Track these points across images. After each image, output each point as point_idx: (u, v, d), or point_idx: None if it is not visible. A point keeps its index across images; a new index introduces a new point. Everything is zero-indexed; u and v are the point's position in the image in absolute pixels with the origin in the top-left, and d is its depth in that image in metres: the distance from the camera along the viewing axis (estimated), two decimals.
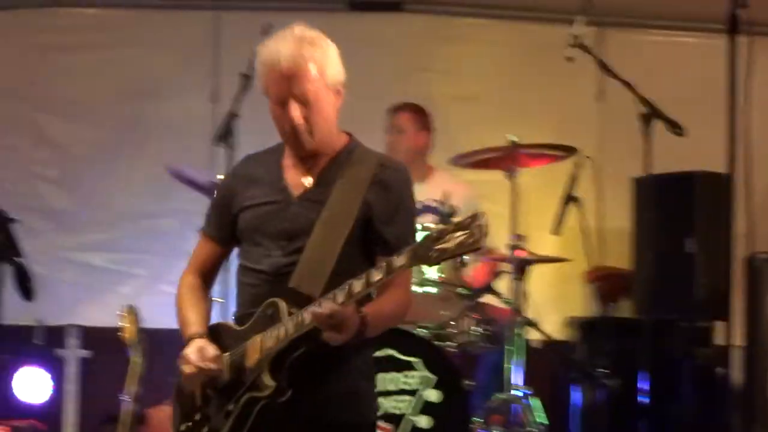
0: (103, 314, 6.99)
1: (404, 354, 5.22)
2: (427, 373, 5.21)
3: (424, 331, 5.49)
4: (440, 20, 7.48)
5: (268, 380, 3.61)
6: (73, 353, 7.07)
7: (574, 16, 5.61)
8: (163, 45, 7.09)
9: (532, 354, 5.77)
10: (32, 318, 6.86)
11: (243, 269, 3.88)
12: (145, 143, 7.07)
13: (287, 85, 3.70)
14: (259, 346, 3.66)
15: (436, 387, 5.21)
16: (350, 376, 3.76)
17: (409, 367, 5.22)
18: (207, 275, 4.06)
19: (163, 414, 5.53)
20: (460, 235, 3.23)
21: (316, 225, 3.71)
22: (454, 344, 5.56)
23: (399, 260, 3.38)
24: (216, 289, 5.46)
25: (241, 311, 3.85)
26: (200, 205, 6.38)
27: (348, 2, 7.42)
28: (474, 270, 5.89)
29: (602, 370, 6.16)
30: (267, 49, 3.75)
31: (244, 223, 3.86)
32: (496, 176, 5.86)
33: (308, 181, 3.80)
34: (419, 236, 3.46)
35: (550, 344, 6.31)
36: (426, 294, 5.55)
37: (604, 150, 6.82)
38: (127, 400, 5.38)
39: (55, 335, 7.04)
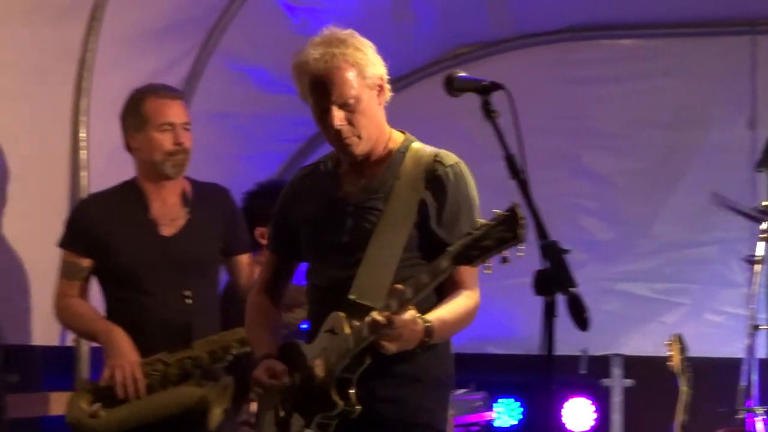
0: (645, 343, 7.02)
1: None
2: None
3: None
4: None
5: (335, 399, 3.47)
6: (617, 383, 7.13)
7: None
8: (698, 72, 6.99)
9: None
10: (577, 348, 6.98)
11: (309, 286, 3.76)
12: (685, 172, 6.98)
13: (326, 91, 3.52)
14: (323, 363, 3.53)
15: None
16: (422, 384, 3.61)
17: None
18: (274, 292, 3.91)
19: None
20: (499, 231, 3.09)
21: (373, 234, 3.54)
22: None
23: (443, 262, 3.25)
24: None
25: (312, 328, 3.71)
26: (744, 233, 6.33)
27: None
28: None
29: None
30: (297, 56, 3.57)
31: (304, 240, 3.73)
32: None
33: (363, 188, 3.64)
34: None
35: None
36: None
37: None
38: (675, 430, 5.37)
39: (599, 365, 7.12)
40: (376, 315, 3.35)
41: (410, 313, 3.38)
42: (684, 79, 7.01)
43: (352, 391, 3.50)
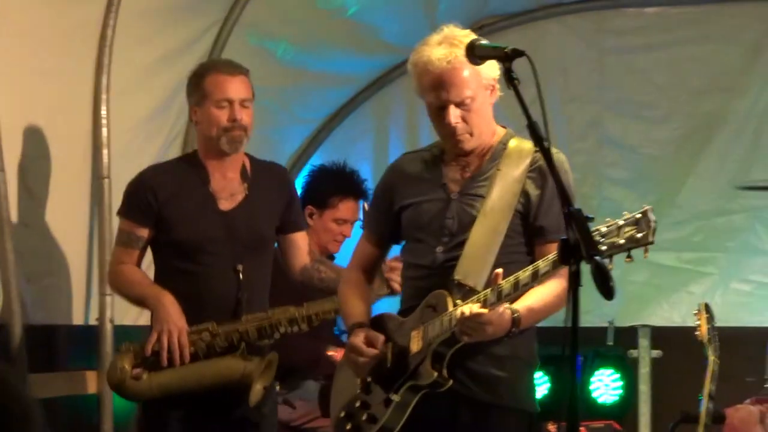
0: (673, 314, 6.99)
1: None
2: None
3: None
4: None
5: (429, 369, 3.64)
6: (644, 354, 7.07)
7: None
8: (730, 39, 6.90)
9: None
10: (604, 320, 6.95)
11: (407, 265, 3.93)
12: (715, 140, 6.92)
13: (443, 90, 3.69)
14: (421, 335, 3.69)
15: None
16: (513, 365, 3.76)
17: None
18: (368, 271, 4.10)
19: (741, 413, 5.43)
20: (629, 230, 3.12)
21: (477, 219, 3.71)
22: None
23: None
24: None
25: (406, 304, 3.89)
26: None
27: None
28: None
29: None
30: (418, 54, 3.74)
31: (406, 221, 3.90)
32: None
33: (467, 176, 3.83)
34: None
35: None
36: None
37: None
38: (703, 400, 5.33)
39: (627, 336, 7.07)
40: (471, 308, 3.54)
41: (498, 310, 3.56)
42: (716, 47, 6.93)
43: (444, 364, 3.67)
